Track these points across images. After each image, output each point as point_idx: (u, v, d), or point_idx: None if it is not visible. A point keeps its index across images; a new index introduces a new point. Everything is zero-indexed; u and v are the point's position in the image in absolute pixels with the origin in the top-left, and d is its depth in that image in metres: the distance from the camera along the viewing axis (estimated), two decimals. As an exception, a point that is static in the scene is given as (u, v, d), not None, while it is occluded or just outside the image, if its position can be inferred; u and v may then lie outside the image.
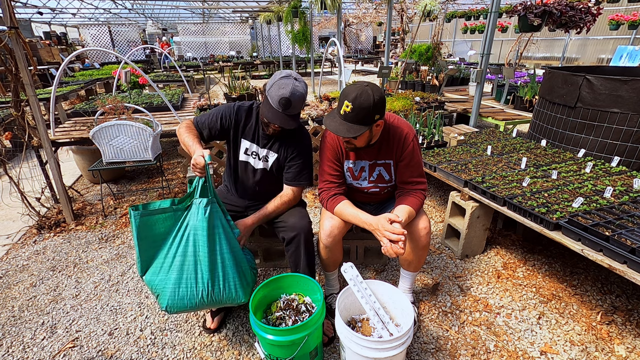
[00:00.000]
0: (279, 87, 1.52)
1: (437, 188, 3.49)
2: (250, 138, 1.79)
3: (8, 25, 2.30)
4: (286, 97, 1.50)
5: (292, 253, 1.73)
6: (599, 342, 1.72)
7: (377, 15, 14.30)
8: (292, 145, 1.78)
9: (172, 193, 3.42)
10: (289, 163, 1.80)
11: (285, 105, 1.52)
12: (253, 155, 1.82)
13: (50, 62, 9.56)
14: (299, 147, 1.79)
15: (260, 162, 1.82)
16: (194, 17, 16.43)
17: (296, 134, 1.79)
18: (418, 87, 5.85)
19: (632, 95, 2.29)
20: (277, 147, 1.79)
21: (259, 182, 1.86)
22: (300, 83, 1.56)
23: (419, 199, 1.64)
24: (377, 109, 1.43)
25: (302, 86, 1.57)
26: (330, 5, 6.52)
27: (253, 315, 1.41)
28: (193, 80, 8.80)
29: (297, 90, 1.53)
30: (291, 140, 1.78)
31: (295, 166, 1.79)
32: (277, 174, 1.85)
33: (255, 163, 1.83)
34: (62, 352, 1.74)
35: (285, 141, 1.78)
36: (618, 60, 4.37)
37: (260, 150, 1.80)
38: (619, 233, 1.54)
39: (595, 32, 9.69)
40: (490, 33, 3.44)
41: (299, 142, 1.79)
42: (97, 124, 2.79)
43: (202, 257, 1.48)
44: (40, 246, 2.67)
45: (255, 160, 1.82)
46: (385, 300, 1.58)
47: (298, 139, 1.79)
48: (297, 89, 1.53)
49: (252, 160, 1.83)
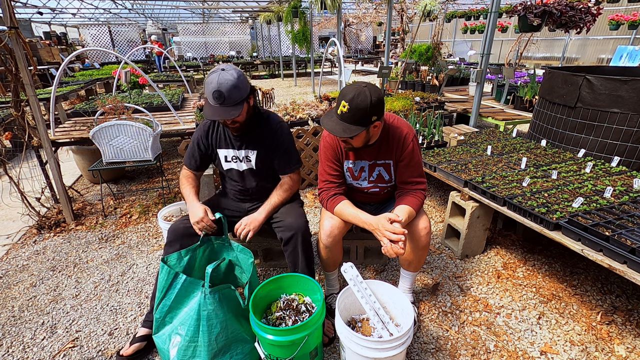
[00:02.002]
0: (208, 84, 1.52)
1: (437, 188, 3.49)
2: (224, 145, 1.81)
3: (8, 25, 2.30)
4: (216, 90, 1.49)
5: (290, 253, 1.73)
6: (599, 342, 1.72)
7: (377, 15, 14.31)
8: (268, 137, 1.78)
9: (172, 193, 3.42)
10: (273, 155, 1.80)
11: (218, 98, 1.51)
12: (234, 160, 1.82)
13: (50, 62, 9.56)
14: (275, 136, 1.78)
15: (243, 163, 1.82)
16: (194, 17, 16.44)
17: (265, 124, 1.78)
18: (418, 87, 5.85)
19: (632, 95, 2.29)
20: (254, 143, 1.78)
21: (250, 182, 1.87)
22: (229, 71, 1.52)
23: (419, 199, 1.64)
24: (374, 110, 1.42)
25: (230, 74, 1.52)
26: (330, 5, 6.53)
27: (253, 315, 1.41)
28: (193, 80, 8.80)
29: (225, 78, 1.50)
30: (264, 131, 1.77)
31: (281, 155, 1.80)
32: (265, 168, 1.85)
33: (239, 166, 1.83)
34: (62, 352, 1.74)
35: (258, 135, 1.77)
36: (618, 60, 4.37)
37: (238, 152, 1.80)
38: (619, 233, 1.53)
39: (595, 32, 9.69)
40: (490, 33, 3.44)
41: (273, 130, 1.78)
42: (97, 124, 2.79)
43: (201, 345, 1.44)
44: (40, 246, 2.67)
45: (238, 164, 1.83)
46: (385, 300, 1.58)
47: (270, 128, 1.78)
48: (225, 77, 1.50)
49: (235, 165, 1.83)
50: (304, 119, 3.55)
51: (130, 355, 1.63)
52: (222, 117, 1.54)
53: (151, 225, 2.95)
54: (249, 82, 1.62)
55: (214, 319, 1.43)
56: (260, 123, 1.77)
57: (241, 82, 1.55)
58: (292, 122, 3.48)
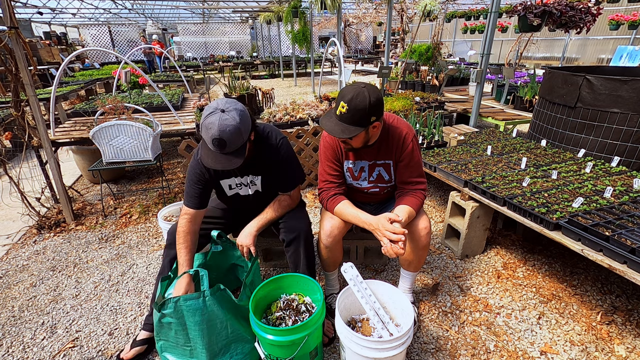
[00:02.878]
0: (207, 129, 1.34)
1: (437, 188, 3.49)
2: (227, 175, 1.71)
3: (8, 25, 2.30)
4: (216, 138, 1.33)
5: (292, 254, 1.73)
6: (599, 342, 1.72)
7: (377, 15, 14.31)
8: (270, 159, 1.68)
9: (172, 193, 3.42)
10: (277, 176, 1.72)
11: (219, 146, 1.36)
12: (238, 186, 1.76)
13: (50, 62, 9.56)
14: (277, 158, 1.68)
15: (249, 188, 1.76)
16: (194, 17, 16.45)
17: (265, 146, 1.66)
18: (418, 87, 5.85)
19: (632, 95, 2.29)
20: (257, 168, 1.70)
21: (255, 203, 1.82)
22: (230, 113, 1.35)
23: (418, 199, 1.64)
24: (373, 111, 1.42)
25: (232, 116, 1.35)
26: (330, 5, 6.53)
27: (253, 315, 1.41)
28: (193, 80, 8.80)
29: (227, 123, 1.33)
30: (265, 154, 1.66)
31: (284, 175, 1.72)
32: (272, 189, 1.80)
33: (244, 191, 1.78)
34: (62, 352, 1.74)
35: (261, 160, 1.67)
36: (618, 60, 4.37)
37: (243, 179, 1.73)
38: (619, 233, 1.53)
39: (595, 32, 9.69)
40: (490, 33, 3.44)
41: (275, 152, 1.67)
42: (97, 124, 2.79)
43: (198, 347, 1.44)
44: (40, 246, 2.67)
45: (243, 189, 1.77)
46: (385, 300, 1.58)
47: (272, 150, 1.67)
48: (226, 123, 1.33)
49: (240, 191, 1.78)
50: (304, 119, 3.55)
51: (130, 359, 1.64)
52: (224, 166, 1.40)
53: (151, 225, 2.95)
54: (250, 117, 1.46)
55: (214, 319, 1.43)
56: (260, 146, 1.64)
57: (244, 125, 1.39)
58: (292, 122, 3.47)
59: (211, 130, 1.33)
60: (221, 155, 1.40)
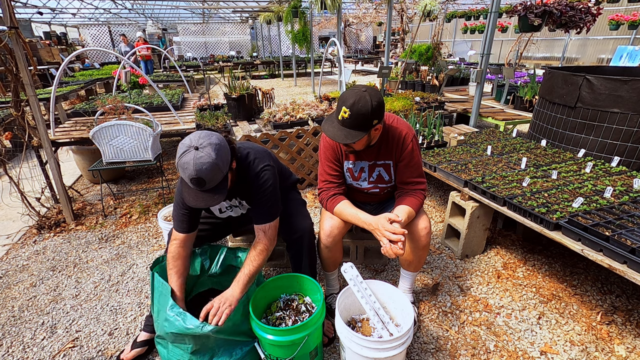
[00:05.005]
0: (183, 169, 1.28)
1: (437, 188, 3.49)
2: None
3: (8, 25, 2.30)
4: (194, 177, 1.26)
5: (295, 254, 1.72)
6: (599, 342, 1.72)
7: (377, 15, 14.31)
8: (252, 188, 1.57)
9: (172, 193, 3.42)
10: (255, 203, 1.59)
11: (199, 184, 1.29)
12: (229, 209, 1.73)
13: (50, 62, 9.56)
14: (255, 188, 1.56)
15: (239, 208, 1.74)
16: (194, 17, 16.45)
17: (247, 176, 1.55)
18: (418, 87, 5.85)
19: (632, 95, 2.29)
20: (241, 194, 1.65)
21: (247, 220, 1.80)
22: (205, 150, 1.26)
23: (418, 199, 1.64)
24: (375, 115, 1.42)
25: (206, 152, 1.26)
26: (330, 5, 6.53)
27: (253, 315, 1.41)
28: (193, 80, 8.81)
29: (202, 162, 1.25)
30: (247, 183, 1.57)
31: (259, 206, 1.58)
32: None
33: (236, 212, 1.76)
34: (62, 352, 1.74)
35: (243, 187, 1.59)
36: (618, 60, 4.37)
37: (232, 202, 1.70)
38: (619, 233, 1.53)
39: (595, 32, 9.69)
40: (490, 33, 3.44)
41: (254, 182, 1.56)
42: (97, 124, 2.79)
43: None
44: (40, 246, 2.67)
45: (234, 210, 1.75)
46: (385, 300, 1.58)
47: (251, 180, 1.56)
48: (202, 161, 1.25)
49: (232, 212, 1.76)
50: (304, 119, 3.55)
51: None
52: (207, 204, 1.34)
53: (151, 225, 2.95)
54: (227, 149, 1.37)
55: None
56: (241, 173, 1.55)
57: (221, 159, 1.30)
58: (292, 122, 3.48)
59: (187, 171, 1.26)
60: (202, 193, 1.33)
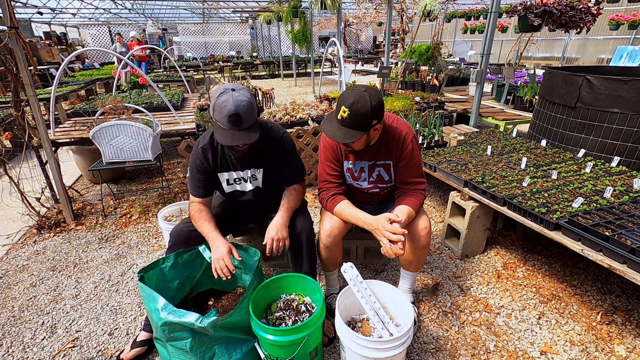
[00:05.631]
0: (220, 107, 1.38)
1: (437, 188, 3.49)
2: (226, 168, 1.70)
3: (8, 25, 2.30)
4: (233, 113, 1.36)
5: (295, 253, 1.72)
6: (599, 342, 1.72)
7: (377, 15, 14.31)
8: (274, 152, 1.68)
9: (172, 193, 3.42)
10: (282, 168, 1.73)
11: (236, 122, 1.39)
12: (237, 181, 1.74)
13: (50, 62, 9.56)
14: (283, 150, 1.69)
15: (248, 183, 1.75)
16: (194, 17, 16.45)
17: (268, 138, 1.65)
18: (418, 87, 5.85)
19: (632, 95, 2.29)
20: (260, 161, 1.70)
21: (254, 200, 1.81)
22: (241, 91, 1.42)
23: (418, 199, 1.64)
24: (374, 115, 1.42)
25: (243, 94, 1.42)
26: (330, 5, 6.53)
27: (253, 315, 1.41)
28: (193, 80, 8.80)
29: (241, 99, 1.38)
30: (268, 146, 1.67)
31: (291, 167, 1.75)
32: (272, 185, 1.79)
33: (244, 187, 1.76)
34: (62, 352, 1.74)
35: (263, 151, 1.67)
36: (618, 60, 4.37)
37: (243, 173, 1.72)
38: (619, 233, 1.53)
39: (595, 32, 9.68)
40: (490, 33, 3.44)
41: (278, 144, 1.68)
42: (97, 124, 2.79)
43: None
44: (40, 246, 2.67)
45: (243, 184, 1.76)
46: (385, 300, 1.58)
47: (275, 142, 1.68)
48: (240, 99, 1.39)
49: (239, 187, 1.76)
50: (304, 119, 3.54)
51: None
52: (243, 141, 1.42)
53: (151, 225, 2.95)
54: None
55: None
56: (263, 138, 1.62)
57: (254, 103, 1.45)
58: (292, 122, 3.47)
59: (226, 107, 1.36)
60: (238, 132, 1.42)
